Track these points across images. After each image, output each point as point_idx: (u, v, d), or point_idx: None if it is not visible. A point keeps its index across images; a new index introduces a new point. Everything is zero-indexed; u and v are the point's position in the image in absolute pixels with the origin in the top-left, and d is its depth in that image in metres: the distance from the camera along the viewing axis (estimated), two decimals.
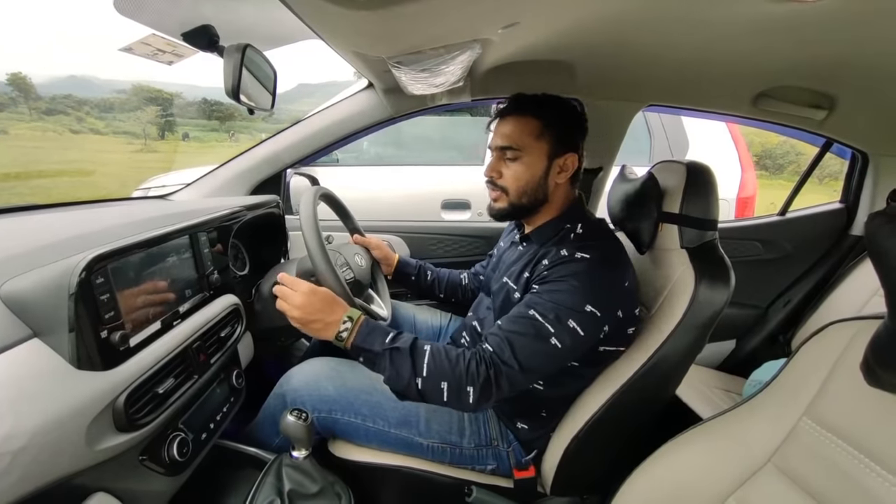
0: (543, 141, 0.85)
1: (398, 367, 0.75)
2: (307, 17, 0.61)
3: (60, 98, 69.61)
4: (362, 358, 0.78)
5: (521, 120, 0.86)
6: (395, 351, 0.75)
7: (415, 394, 0.75)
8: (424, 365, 0.75)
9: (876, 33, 0.69)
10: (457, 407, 0.75)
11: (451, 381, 0.74)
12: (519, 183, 0.87)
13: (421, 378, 0.74)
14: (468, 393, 0.73)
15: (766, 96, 1.11)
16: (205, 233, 0.83)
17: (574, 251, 0.79)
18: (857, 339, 0.57)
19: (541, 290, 0.78)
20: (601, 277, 0.78)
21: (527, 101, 0.87)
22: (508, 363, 0.74)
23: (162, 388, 0.63)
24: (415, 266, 1.24)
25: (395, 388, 0.78)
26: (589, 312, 0.75)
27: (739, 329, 1.63)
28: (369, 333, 0.77)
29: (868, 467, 0.51)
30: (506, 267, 0.95)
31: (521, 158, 0.86)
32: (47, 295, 0.52)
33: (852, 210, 1.50)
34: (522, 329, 0.75)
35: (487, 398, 0.74)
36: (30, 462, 0.45)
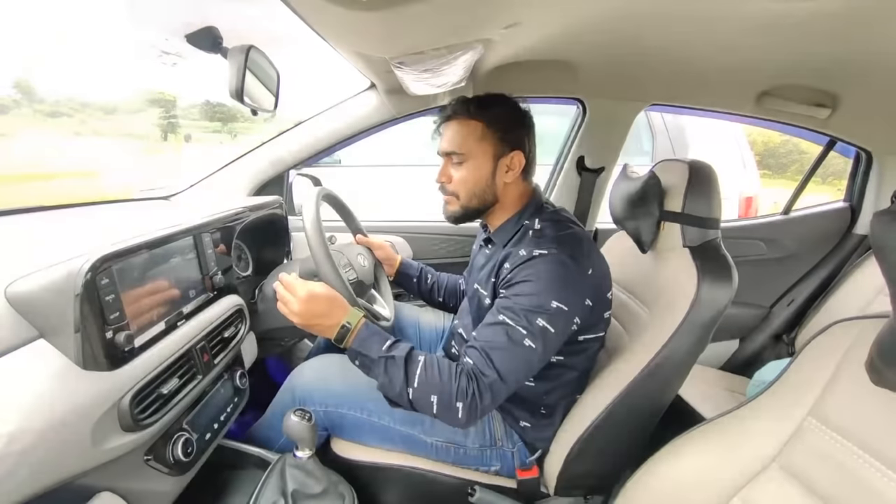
0: (486, 143, 0.85)
1: (391, 376, 0.75)
2: (309, 18, 0.61)
3: (64, 100, 70.01)
4: (358, 361, 0.79)
5: (463, 123, 0.86)
6: (389, 360, 0.76)
7: (406, 403, 0.76)
8: (416, 376, 0.75)
9: (879, 31, 0.69)
10: (448, 421, 0.75)
11: (441, 395, 0.74)
12: (467, 186, 0.88)
13: (412, 388, 0.75)
14: (458, 408, 0.73)
15: (769, 95, 1.11)
16: (208, 234, 0.83)
17: (532, 249, 0.80)
18: (861, 337, 0.57)
19: (507, 293, 0.79)
20: (561, 271, 0.78)
21: (467, 103, 0.87)
22: (487, 374, 0.74)
23: (166, 389, 0.64)
24: (417, 268, 1.24)
25: (388, 395, 0.79)
26: (555, 308, 0.75)
27: (743, 329, 1.62)
28: (367, 338, 0.78)
29: (873, 466, 0.51)
30: (476, 271, 0.96)
31: (466, 162, 0.87)
32: (53, 296, 0.52)
33: (856, 209, 1.50)
34: (495, 337, 0.76)
35: (475, 412, 0.74)
36: (36, 462, 0.45)
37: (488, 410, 0.75)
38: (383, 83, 1.15)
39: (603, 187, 1.43)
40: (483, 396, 0.73)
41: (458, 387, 0.74)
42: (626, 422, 0.85)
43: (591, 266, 0.82)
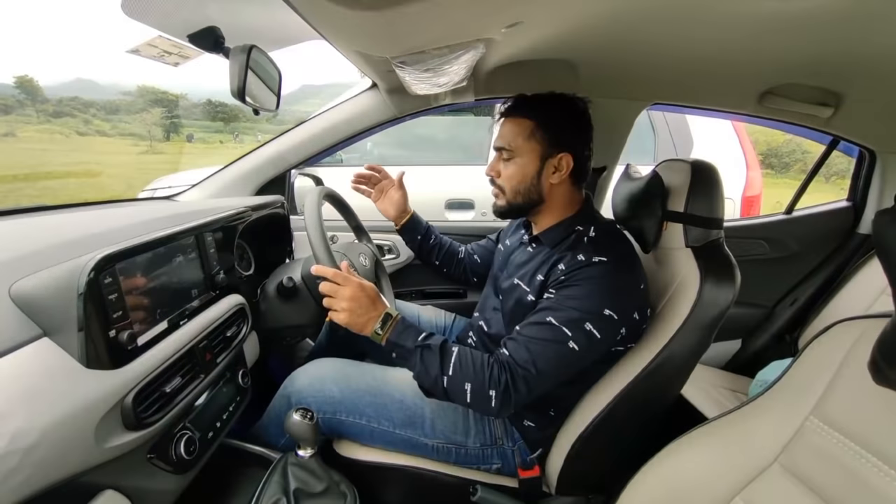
0: (535, 142, 0.86)
1: (427, 364, 0.78)
2: (311, 17, 0.61)
3: (67, 100, 70.41)
4: (395, 353, 0.80)
5: (516, 121, 0.88)
6: (425, 349, 0.79)
7: (441, 391, 0.78)
8: (451, 365, 0.77)
9: (883, 29, 0.68)
10: (481, 410, 0.77)
11: (475, 383, 0.76)
12: (512, 182, 0.89)
13: (447, 377, 0.77)
14: (490, 397, 0.75)
15: (771, 94, 1.11)
16: (211, 233, 0.84)
17: (591, 255, 0.80)
18: (864, 337, 0.56)
19: (558, 295, 0.79)
20: (618, 281, 0.79)
21: (523, 102, 0.89)
22: (525, 367, 0.75)
23: (169, 387, 0.64)
24: (424, 227, 1.25)
25: (423, 384, 0.81)
26: (607, 316, 0.76)
27: (745, 328, 1.62)
28: (404, 331, 0.80)
29: (876, 466, 0.51)
30: (515, 267, 0.95)
31: (513, 159, 0.88)
32: (57, 294, 0.52)
33: (859, 208, 1.49)
34: (539, 334, 0.76)
35: (508, 402, 0.75)
36: (40, 459, 0.46)
37: (522, 402, 0.77)
38: (385, 83, 1.15)
39: (605, 187, 1.43)
40: (517, 387, 0.75)
41: (490, 376, 0.76)
42: (628, 421, 0.85)
43: (643, 281, 0.83)
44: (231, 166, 1.30)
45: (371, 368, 1.00)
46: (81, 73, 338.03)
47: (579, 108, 0.88)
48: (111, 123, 58.26)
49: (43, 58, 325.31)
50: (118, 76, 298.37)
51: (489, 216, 2.35)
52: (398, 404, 0.91)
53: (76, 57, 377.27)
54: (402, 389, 0.93)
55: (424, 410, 0.91)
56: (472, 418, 0.92)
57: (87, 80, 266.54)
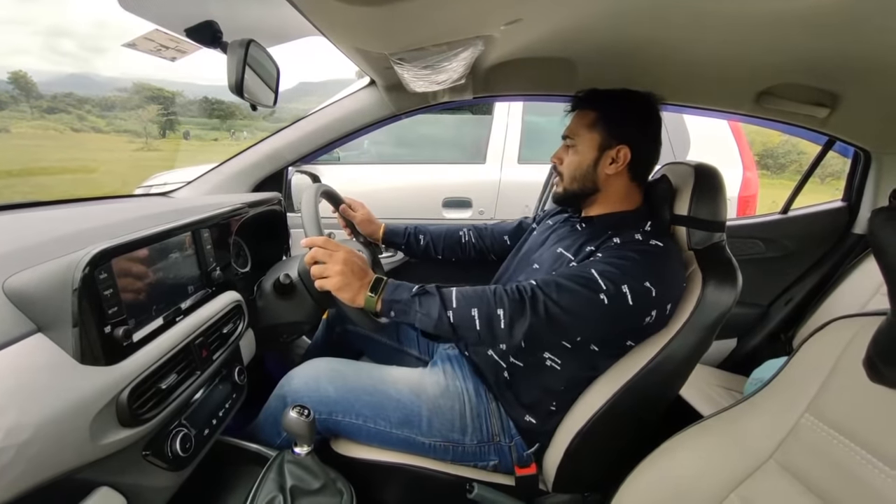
0: (595, 132, 0.89)
1: (428, 308, 0.77)
2: (310, 13, 0.61)
3: (62, 96, 69.84)
4: (394, 312, 0.79)
5: (582, 112, 0.92)
6: (423, 294, 0.78)
7: (447, 328, 0.76)
8: (453, 298, 0.77)
9: (880, 30, 0.68)
10: (490, 339, 0.77)
11: (481, 306, 0.75)
12: (570, 169, 0.92)
13: (451, 311, 0.76)
14: (499, 317, 0.74)
15: (768, 94, 1.11)
16: (207, 229, 0.83)
17: (649, 238, 0.82)
18: (859, 335, 0.57)
19: (605, 256, 0.80)
20: (668, 267, 0.81)
21: (591, 94, 0.93)
22: (549, 295, 0.75)
23: (165, 384, 0.63)
24: (402, 234, 1.23)
25: (428, 327, 0.78)
26: (646, 288, 0.76)
27: (741, 327, 1.62)
28: (396, 288, 0.80)
29: (871, 463, 0.51)
30: (558, 239, 0.96)
31: (575, 147, 0.91)
32: (51, 290, 0.52)
33: (854, 208, 1.50)
34: (574, 278, 0.77)
35: (521, 320, 0.74)
36: (34, 455, 0.45)
37: (536, 329, 0.75)
38: (383, 80, 1.14)
39: None
40: (536, 309, 0.74)
41: (495, 295, 0.76)
42: (625, 419, 0.85)
43: (685, 280, 0.84)
44: (228, 163, 1.29)
45: (367, 367, 1.00)
46: (76, 69, 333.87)
47: (646, 105, 0.91)
48: (106, 120, 57.85)
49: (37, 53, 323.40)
50: (114, 72, 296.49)
51: (486, 214, 2.35)
52: (395, 403, 0.91)
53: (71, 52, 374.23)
54: (398, 388, 0.93)
55: (421, 409, 0.91)
56: (469, 416, 0.92)
57: (83, 75, 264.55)
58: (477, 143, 2.50)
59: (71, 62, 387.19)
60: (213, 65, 0.93)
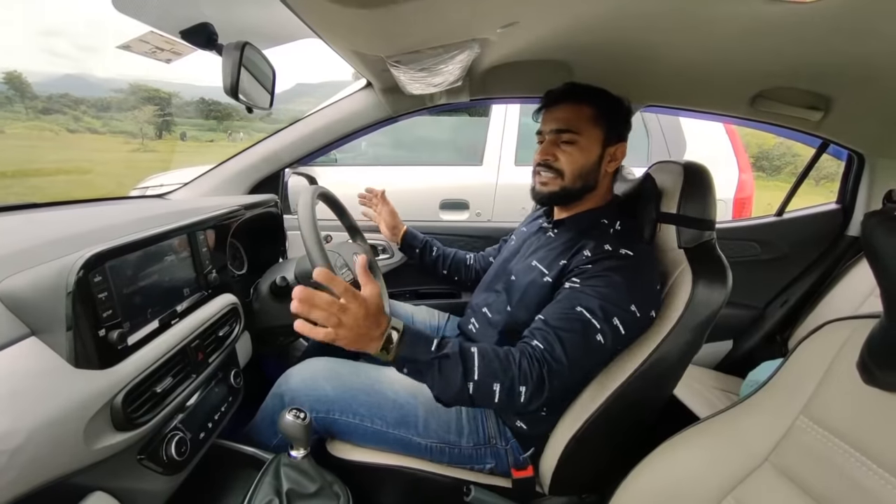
0: (598, 128, 0.88)
1: (448, 375, 0.70)
2: (306, 15, 0.61)
3: (57, 97, 69.49)
4: (407, 369, 0.72)
5: (577, 106, 0.88)
6: (443, 359, 0.70)
7: (467, 399, 0.72)
8: (475, 368, 0.71)
9: (872, 34, 0.69)
10: (508, 407, 0.75)
11: (504, 381, 0.71)
12: (574, 166, 0.88)
13: (472, 382, 0.70)
14: (520, 393, 0.72)
15: (762, 97, 1.12)
16: (203, 232, 0.83)
17: (617, 247, 0.81)
18: (853, 338, 0.57)
19: (584, 284, 0.79)
20: (643, 277, 0.81)
21: (581, 89, 0.90)
22: (559, 360, 0.74)
23: (160, 387, 0.63)
24: (421, 240, 1.25)
25: (445, 397, 0.73)
26: (632, 312, 0.77)
27: (737, 329, 1.63)
28: (414, 344, 0.71)
29: (865, 465, 0.51)
30: (531, 251, 0.96)
31: (577, 142, 0.88)
32: (45, 293, 0.52)
33: (848, 211, 1.51)
34: (570, 326, 0.76)
35: (539, 396, 0.73)
36: (27, 460, 0.45)
37: (549, 395, 0.73)
38: (380, 82, 1.14)
39: None
40: (552, 381, 0.73)
41: (520, 370, 0.72)
42: (621, 421, 0.85)
43: (659, 282, 0.84)
44: (224, 165, 1.29)
45: (365, 367, 1.00)
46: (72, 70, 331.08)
47: (625, 105, 0.92)
48: (102, 121, 57.56)
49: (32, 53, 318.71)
50: (110, 73, 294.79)
51: (483, 216, 2.35)
52: (391, 403, 0.91)
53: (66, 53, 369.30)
54: (395, 389, 0.93)
55: (418, 410, 0.91)
56: (466, 418, 0.92)
57: (78, 76, 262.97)
58: (474, 146, 2.50)
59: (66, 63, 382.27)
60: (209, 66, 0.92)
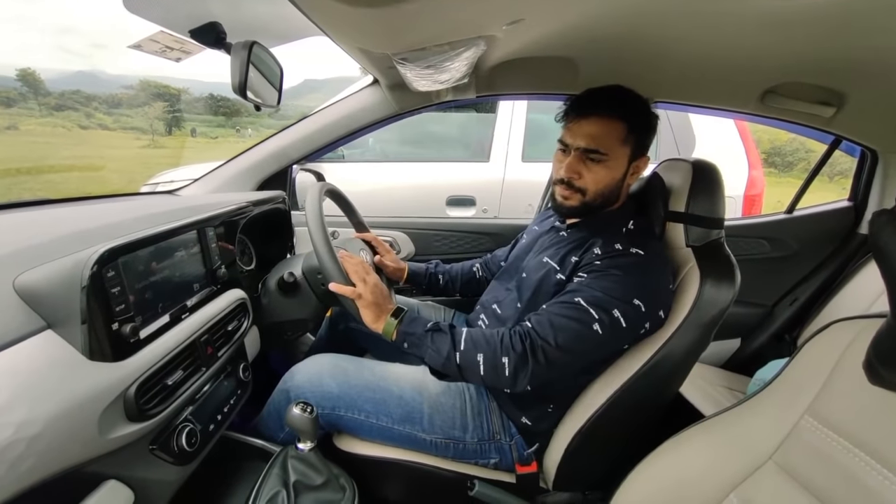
0: (628, 146, 0.85)
1: (438, 345, 0.80)
2: (313, 14, 0.62)
3: (69, 94, 70.39)
4: (407, 343, 0.83)
5: (608, 122, 0.83)
6: (436, 332, 0.82)
7: (454, 368, 0.79)
8: (462, 340, 0.80)
9: (886, 29, 0.68)
10: (495, 382, 0.78)
11: (487, 352, 0.77)
12: (599, 186, 0.86)
13: (459, 352, 0.79)
14: (504, 365, 0.76)
15: (773, 93, 1.10)
16: (212, 228, 0.84)
17: (628, 246, 0.81)
18: (860, 337, 0.57)
19: (588, 278, 0.80)
20: (652, 275, 0.80)
21: (612, 100, 0.85)
22: (545, 339, 0.76)
23: (171, 380, 0.65)
24: (424, 274, 1.26)
25: (436, 364, 0.82)
26: (636, 305, 0.76)
27: (745, 327, 1.62)
28: (413, 321, 0.84)
29: (869, 465, 0.51)
30: (543, 248, 0.96)
31: (605, 162, 0.84)
32: (60, 287, 0.53)
33: (861, 208, 1.49)
34: (565, 312, 0.77)
35: (524, 369, 0.75)
36: (44, 448, 0.46)
37: (539, 375, 0.76)
38: (386, 79, 1.15)
39: None
40: (536, 357, 0.75)
41: (502, 342, 0.77)
42: (626, 418, 0.85)
43: (671, 282, 0.84)
44: (233, 161, 1.31)
45: (370, 364, 1.01)
46: (83, 67, 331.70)
47: (653, 113, 0.88)
48: (113, 117, 58.26)
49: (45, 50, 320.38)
50: (120, 70, 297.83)
51: (490, 213, 2.36)
52: (397, 400, 0.92)
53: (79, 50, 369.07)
54: (400, 385, 0.94)
55: (423, 406, 0.92)
56: (470, 414, 0.93)
57: (90, 73, 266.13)
58: (481, 142, 2.50)
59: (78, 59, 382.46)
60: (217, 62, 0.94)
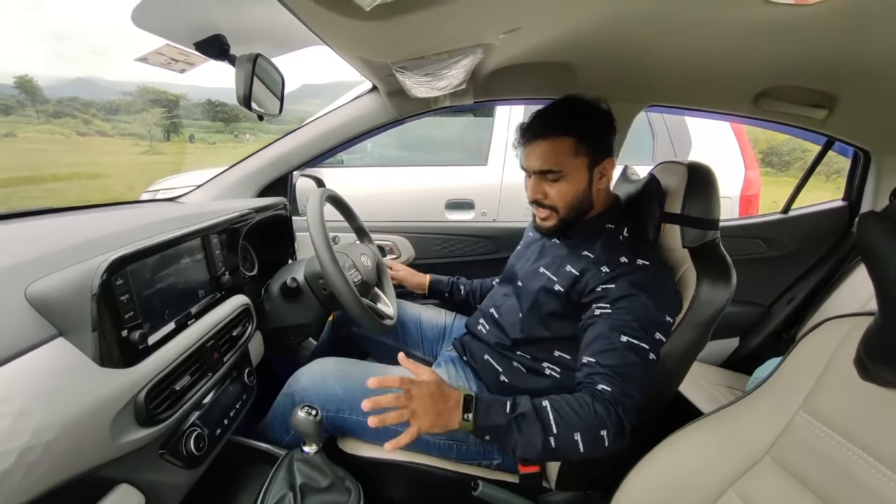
0: (581, 156, 0.86)
1: (529, 435, 0.72)
2: (314, 25, 0.63)
3: (67, 100, 70.35)
4: (489, 437, 0.74)
5: (555, 142, 0.85)
6: (520, 418, 0.72)
7: (551, 454, 0.73)
8: (552, 422, 0.72)
9: (877, 33, 0.70)
10: (595, 453, 0.72)
11: (583, 430, 0.72)
12: (566, 200, 0.88)
13: (553, 437, 0.71)
14: (603, 437, 0.72)
15: (766, 96, 1.12)
16: (216, 235, 0.85)
17: (634, 258, 0.82)
18: (851, 334, 0.58)
19: (615, 309, 0.79)
20: (666, 285, 0.83)
21: (554, 121, 0.86)
22: (631, 396, 0.74)
23: (179, 385, 0.66)
24: (447, 283, 1.29)
25: (531, 455, 0.73)
26: (668, 322, 0.80)
27: (743, 327, 1.63)
28: (489, 409, 0.73)
29: (862, 459, 0.52)
30: (538, 255, 0.98)
31: (563, 178, 0.86)
32: (71, 295, 0.54)
33: (855, 208, 1.51)
34: (626, 360, 0.76)
35: (621, 436, 0.73)
36: (59, 454, 0.48)
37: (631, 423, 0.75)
38: (385, 86, 1.16)
39: None
40: (629, 418, 0.74)
41: (597, 416, 0.72)
42: None
43: (675, 285, 0.86)
44: (234, 168, 1.32)
45: (373, 367, 1.02)
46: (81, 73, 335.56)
47: (604, 110, 0.89)
48: (111, 123, 58.18)
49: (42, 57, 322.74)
50: (118, 76, 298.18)
51: (489, 216, 2.37)
52: None
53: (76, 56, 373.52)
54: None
55: None
56: None
57: (87, 79, 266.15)
58: (479, 145, 2.51)
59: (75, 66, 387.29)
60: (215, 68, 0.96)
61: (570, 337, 0.87)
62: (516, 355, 0.95)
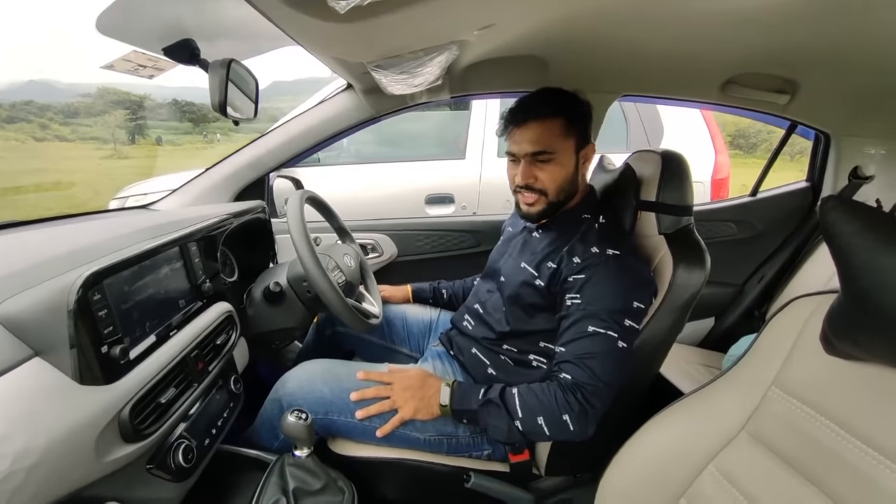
0: (571, 138, 0.88)
1: (496, 420, 0.82)
2: (287, 27, 0.62)
3: (21, 104, 66.61)
4: (466, 420, 0.86)
5: (546, 122, 0.87)
6: (488, 404, 0.82)
7: (518, 436, 0.81)
8: (517, 407, 0.80)
9: (833, 21, 0.73)
10: (563, 437, 0.80)
11: (545, 414, 0.79)
12: (556, 183, 0.90)
13: (518, 421, 0.80)
14: (566, 422, 0.78)
15: (732, 83, 1.16)
16: (194, 242, 0.84)
17: (604, 247, 0.84)
18: (818, 312, 0.61)
19: (584, 297, 0.82)
20: (635, 272, 0.84)
21: (543, 102, 0.89)
22: (591, 383, 0.78)
23: (164, 398, 0.65)
24: (429, 290, 1.32)
25: (501, 437, 0.84)
26: (637, 308, 0.81)
27: (718, 307, 1.70)
28: (463, 395, 0.85)
29: (832, 430, 0.55)
30: (519, 250, 0.99)
31: (554, 160, 0.88)
32: (46, 314, 0.52)
33: (817, 188, 1.57)
34: (590, 348, 0.79)
35: (585, 420, 0.78)
36: (43, 477, 0.46)
37: (600, 411, 0.79)
38: (360, 84, 1.15)
39: None
40: (592, 403, 0.78)
41: (557, 402, 0.78)
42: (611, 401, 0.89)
43: (650, 272, 0.88)
44: (208, 172, 1.29)
45: (360, 367, 1.02)
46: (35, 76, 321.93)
47: (584, 99, 0.93)
48: (70, 127, 55.44)
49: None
50: (75, 77, 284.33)
51: (469, 210, 2.38)
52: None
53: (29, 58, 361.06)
54: None
55: None
56: None
57: (42, 82, 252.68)
58: (456, 139, 2.51)
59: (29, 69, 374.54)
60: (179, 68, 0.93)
61: (554, 328, 0.89)
62: (503, 349, 0.97)
